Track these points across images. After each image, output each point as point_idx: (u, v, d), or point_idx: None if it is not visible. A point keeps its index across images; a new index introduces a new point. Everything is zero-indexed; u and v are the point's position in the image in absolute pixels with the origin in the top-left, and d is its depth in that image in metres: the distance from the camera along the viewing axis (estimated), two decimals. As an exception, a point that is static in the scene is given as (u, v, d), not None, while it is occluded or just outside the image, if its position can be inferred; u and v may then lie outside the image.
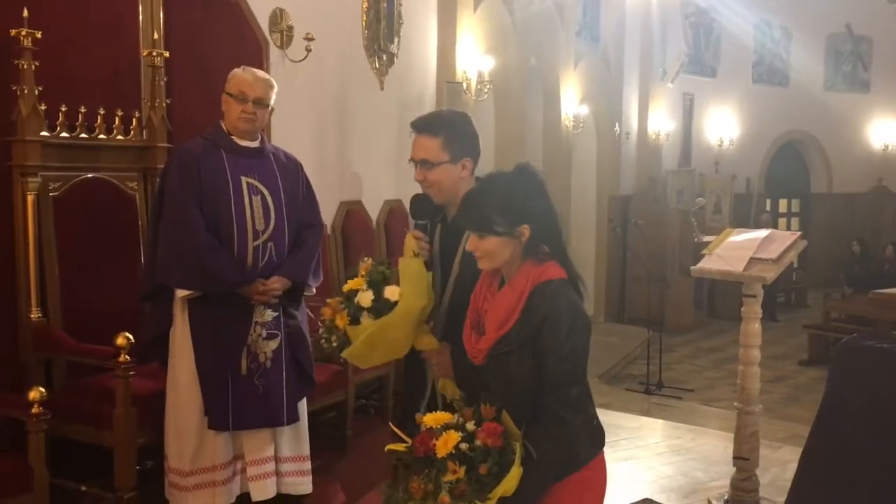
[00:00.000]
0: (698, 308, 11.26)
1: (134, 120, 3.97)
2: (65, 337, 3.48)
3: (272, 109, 3.34)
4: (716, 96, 13.40)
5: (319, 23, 5.09)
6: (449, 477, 1.92)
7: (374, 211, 5.85)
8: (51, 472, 3.07)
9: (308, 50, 4.89)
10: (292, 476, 3.37)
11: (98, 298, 3.69)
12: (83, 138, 3.75)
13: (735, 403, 4.03)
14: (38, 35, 3.43)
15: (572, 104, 9.80)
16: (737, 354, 4.06)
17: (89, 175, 3.79)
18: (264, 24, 4.71)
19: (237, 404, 3.19)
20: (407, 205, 5.41)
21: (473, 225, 2.10)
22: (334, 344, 2.35)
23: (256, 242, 3.21)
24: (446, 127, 2.40)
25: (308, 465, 3.43)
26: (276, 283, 3.22)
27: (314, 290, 3.45)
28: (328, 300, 2.41)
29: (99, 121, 3.80)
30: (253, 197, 3.22)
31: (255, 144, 3.31)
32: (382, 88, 5.94)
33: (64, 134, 3.66)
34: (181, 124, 4.14)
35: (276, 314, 3.28)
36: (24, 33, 3.39)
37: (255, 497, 3.28)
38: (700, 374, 8.63)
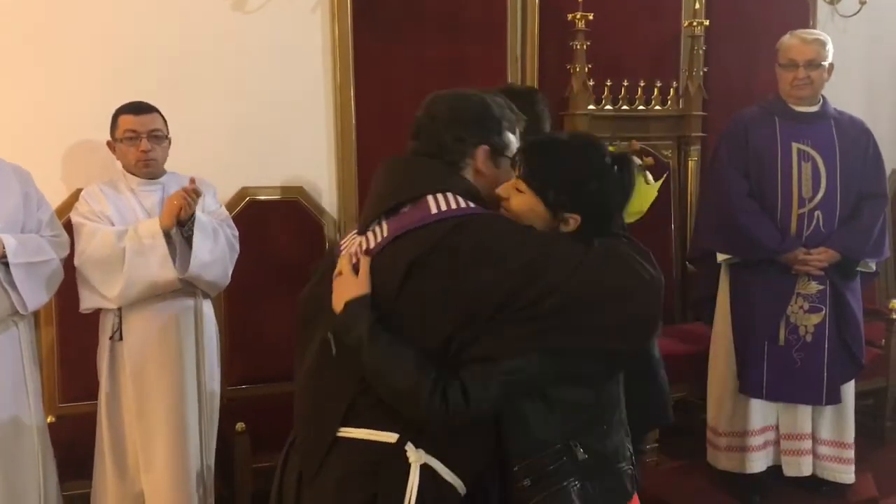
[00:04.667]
0: None
1: (671, 90, 4.07)
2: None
3: (831, 66, 3.17)
4: None
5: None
6: None
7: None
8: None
9: (862, 2, 4.43)
10: (831, 461, 3.22)
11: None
12: (624, 110, 3.97)
13: None
14: (590, 17, 3.73)
15: None
16: None
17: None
18: (815, -20, 4.42)
19: (772, 374, 3.13)
20: None
21: (531, 173, 1.59)
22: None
23: (802, 210, 3.12)
24: None
25: (850, 454, 3.23)
26: (822, 255, 3.08)
27: (874, 267, 3.22)
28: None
29: (639, 93, 3.98)
30: (803, 163, 3.12)
31: (814, 109, 3.19)
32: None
33: (608, 107, 3.92)
34: (717, 92, 4.15)
35: (822, 287, 3.13)
36: (578, 17, 3.72)
37: (787, 472, 3.23)
38: None
